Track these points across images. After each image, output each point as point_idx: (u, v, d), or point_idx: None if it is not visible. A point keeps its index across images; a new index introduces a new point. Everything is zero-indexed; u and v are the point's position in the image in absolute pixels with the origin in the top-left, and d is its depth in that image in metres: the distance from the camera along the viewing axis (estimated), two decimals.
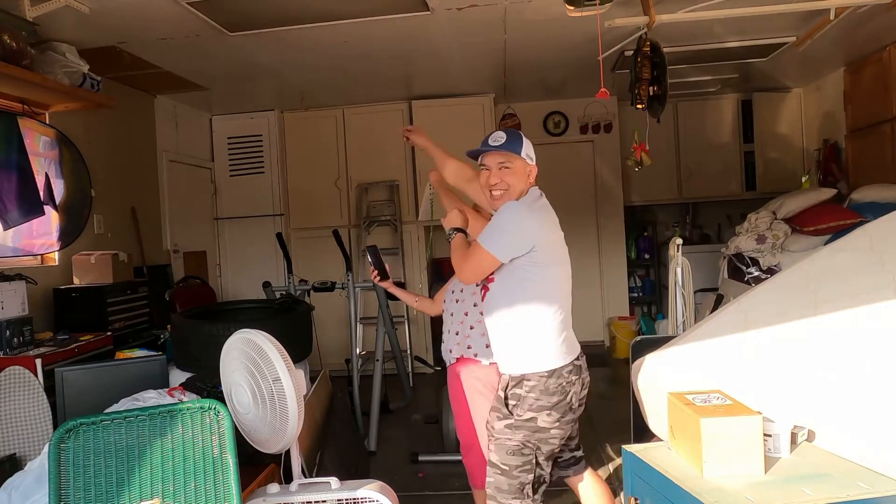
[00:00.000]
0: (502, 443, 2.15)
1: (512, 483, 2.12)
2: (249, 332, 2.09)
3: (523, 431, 2.11)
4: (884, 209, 3.06)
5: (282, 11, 3.56)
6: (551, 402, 2.09)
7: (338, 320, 5.74)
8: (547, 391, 2.09)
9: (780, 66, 5.28)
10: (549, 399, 2.09)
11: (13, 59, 3.14)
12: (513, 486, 2.12)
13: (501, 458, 2.15)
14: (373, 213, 6.12)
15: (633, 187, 6.61)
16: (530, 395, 2.10)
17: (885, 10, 3.78)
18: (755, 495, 1.52)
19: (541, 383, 2.09)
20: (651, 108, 3.92)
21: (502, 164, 2.18)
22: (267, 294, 4.64)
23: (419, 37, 4.16)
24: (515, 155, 2.18)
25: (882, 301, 1.89)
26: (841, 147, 5.46)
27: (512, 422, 2.13)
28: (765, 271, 4.36)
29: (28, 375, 2.72)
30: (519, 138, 2.21)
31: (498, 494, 2.15)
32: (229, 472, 1.82)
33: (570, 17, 3.49)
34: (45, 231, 3.87)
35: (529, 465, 2.12)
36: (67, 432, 1.75)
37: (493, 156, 2.20)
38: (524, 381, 2.12)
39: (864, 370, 1.81)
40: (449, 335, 2.78)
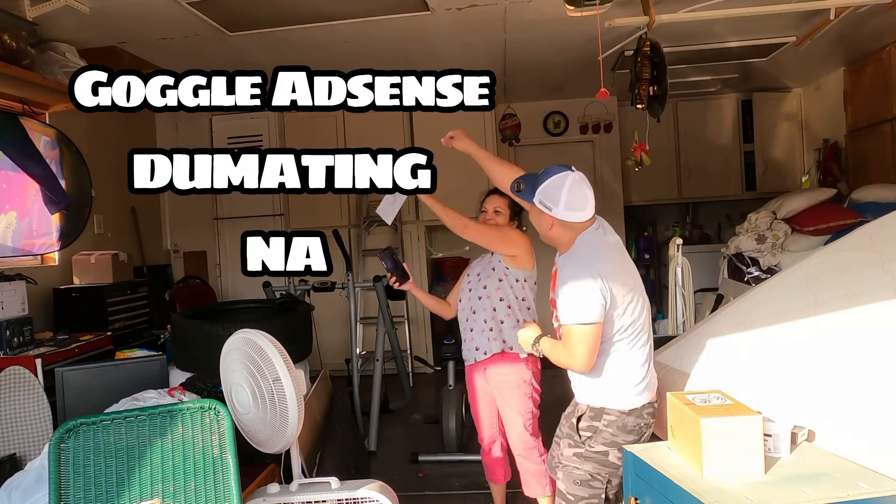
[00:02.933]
0: (570, 471, 2.07)
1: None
2: (249, 332, 2.09)
3: (592, 463, 2.04)
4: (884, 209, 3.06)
5: (282, 11, 3.56)
6: (627, 440, 2.00)
7: (338, 320, 5.74)
8: (624, 429, 2.00)
9: (780, 66, 5.28)
10: (626, 437, 2.01)
11: (13, 59, 3.14)
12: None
13: (568, 487, 2.07)
14: (373, 213, 6.11)
15: (633, 187, 6.61)
16: (607, 429, 2.01)
17: (885, 10, 3.78)
18: (755, 495, 1.52)
19: (620, 420, 2.01)
20: (651, 108, 3.92)
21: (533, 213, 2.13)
22: (267, 294, 4.64)
23: (419, 37, 4.16)
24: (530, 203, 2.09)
25: (882, 301, 1.89)
26: (841, 147, 5.46)
27: (583, 451, 2.05)
28: (765, 271, 4.36)
29: (28, 375, 2.72)
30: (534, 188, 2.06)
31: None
32: (229, 472, 1.82)
33: (570, 17, 3.49)
34: (46, 231, 3.87)
35: (598, 500, 2.04)
36: (67, 432, 1.75)
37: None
38: (604, 414, 2.02)
39: (864, 370, 1.81)
40: (475, 332, 2.77)
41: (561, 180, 2.00)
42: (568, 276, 1.96)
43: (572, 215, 2.01)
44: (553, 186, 2.00)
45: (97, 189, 4.14)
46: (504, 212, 2.81)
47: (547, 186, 2.01)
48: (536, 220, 2.08)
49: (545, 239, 2.11)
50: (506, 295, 2.73)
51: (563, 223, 2.03)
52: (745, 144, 6.49)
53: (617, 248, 2.11)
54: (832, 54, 5.02)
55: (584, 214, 2.03)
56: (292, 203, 6.25)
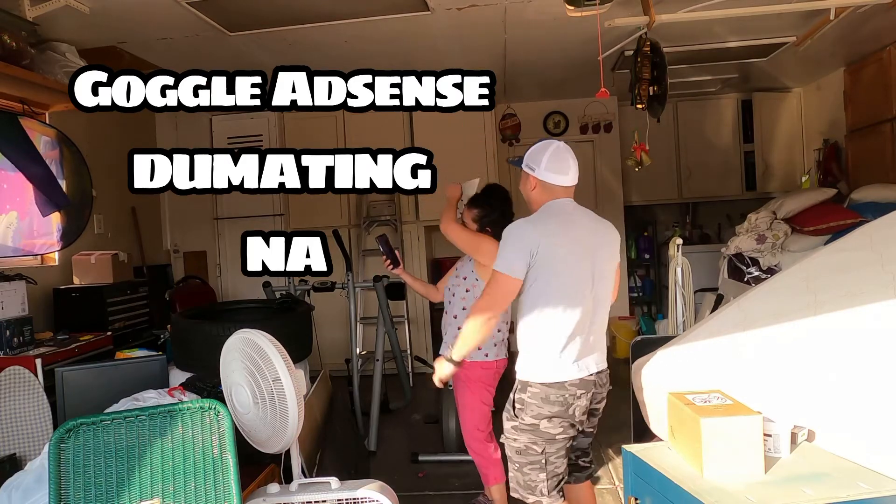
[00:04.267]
0: (510, 443, 2.21)
1: (528, 480, 2.18)
2: (249, 332, 2.09)
3: (527, 434, 2.16)
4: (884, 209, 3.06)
5: (282, 11, 3.57)
6: (552, 411, 2.11)
7: (338, 320, 5.74)
8: (548, 400, 2.11)
9: (780, 66, 5.28)
10: (551, 408, 2.11)
11: (13, 59, 3.15)
12: (528, 484, 2.18)
13: (511, 455, 2.22)
14: (373, 213, 6.11)
15: (633, 187, 6.61)
16: (532, 401, 2.13)
17: (885, 10, 3.78)
18: (755, 495, 1.52)
19: (542, 391, 2.12)
20: (651, 108, 3.92)
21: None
22: (267, 294, 4.64)
23: (419, 37, 4.16)
24: (520, 167, 2.30)
25: (882, 301, 1.89)
26: (841, 147, 5.46)
27: (517, 424, 2.17)
28: (765, 271, 4.36)
29: (28, 375, 2.72)
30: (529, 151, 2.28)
31: (518, 488, 2.23)
32: (229, 472, 1.82)
33: (570, 17, 3.49)
34: (46, 231, 3.87)
35: (539, 465, 2.16)
36: (67, 432, 1.75)
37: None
38: (528, 387, 2.15)
39: (864, 370, 1.81)
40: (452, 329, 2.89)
41: (545, 146, 2.24)
42: (511, 228, 2.16)
43: (552, 177, 2.21)
44: (538, 150, 2.24)
45: (97, 189, 4.14)
46: (471, 226, 2.92)
47: (533, 150, 2.25)
48: (523, 185, 2.27)
49: (528, 202, 2.28)
50: (468, 305, 2.84)
51: (544, 185, 2.22)
52: (745, 144, 6.49)
53: (577, 223, 2.24)
54: (832, 54, 5.02)
55: (563, 179, 2.23)
56: (292, 203, 6.25)
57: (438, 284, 3.14)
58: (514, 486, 2.24)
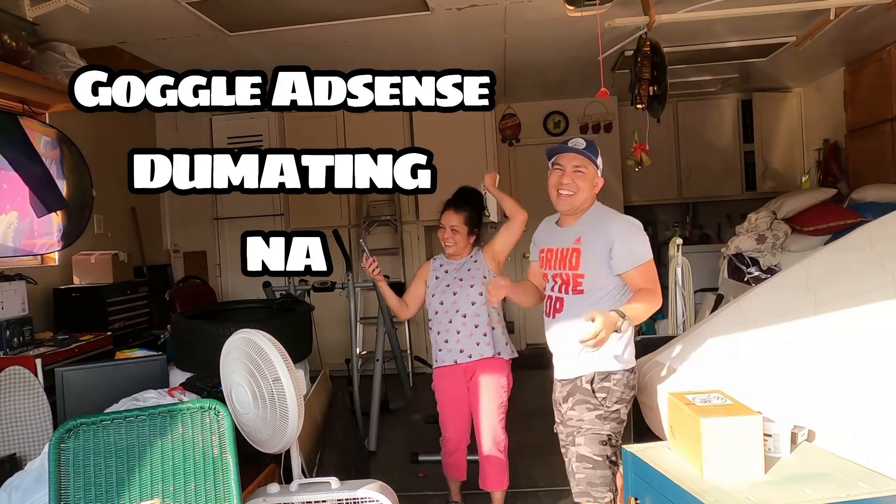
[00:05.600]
0: (595, 433, 2.19)
1: (605, 475, 2.17)
2: (249, 332, 2.09)
3: (611, 422, 2.19)
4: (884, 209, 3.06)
5: (282, 11, 3.57)
6: (630, 395, 2.24)
7: (338, 320, 5.74)
8: (629, 385, 2.22)
9: (780, 66, 5.28)
10: (630, 393, 2.24)
11: (13, 59, 3.14)
12: (606, 479, 2.17)
13: (594, 449, 2.19)
14: (373, 213, 6.11)
15: (633, 187, 6.61)
16: (616, 388, 2.20)
17: (885, 10, 3.78)
18: (755, 495, 1.52)
19: (625, 377, 2.21)
20: (651, 108, 3.92)
21: (577, 168, 2.28)
22: (267, 294, 4.64)
23: (419, 37, 4.16)
24: (591, 162, 2.29)
25: (882, 301, 1.89)
26: (841, 147, 5.46)
27: (602, 412, 2.19)
28: (765, 271, 4.36)
29: (28, 375, 2.72)
30: (596, 149, 2.33)
31: (592, 490, 2.17)
32: (229, 472, 1.82)
33: (570, 17, 3.49)
34: (46, 231, 3.87)
35: (615, 457, 2.19)
36: (67, 432, 1.75)
37: (570, 157, 2.29)
38: (612, 375, 2.20)
39: (864, 370, 1.81)
40: (462, 335, 2.88)
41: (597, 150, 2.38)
42: (619, 224, 2.28)
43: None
44: (597, 150, 2.36)
45: (97, 189, 4.14)
46: (461, 230, 2.94)
47: (595, 148, 2.35)
48: (589, 179, 2.30)
49: (580, 201, 2.30)
50: (479, 301, 2.88)
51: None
52: (745, 144, 6.49)
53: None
54: (832, 54, 5.02)
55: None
56: (292, 203, 6.25)
57: (406, 298, 3.10)
58: (586, 487, 2.18)
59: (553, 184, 2.30)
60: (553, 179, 2.30)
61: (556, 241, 2.35)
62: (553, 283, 2.32)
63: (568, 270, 2.26)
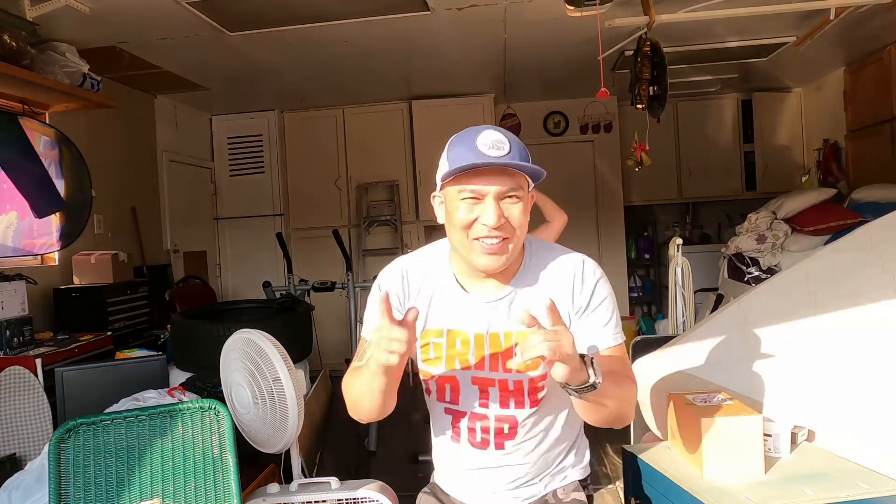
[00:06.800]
0: None
1: None
2: (249, 332, 2.09)
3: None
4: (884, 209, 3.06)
5: (282, 11, 3.56)
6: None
7: (338, 320, 5.74)
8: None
9: (780, 66, 5.28)
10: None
11: (13, 59, 3.14)
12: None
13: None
14: (373, 213, 6.12)
15: (633, 187, 6.61)
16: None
17: (885, 10, 3.78)
18: (755, 495, 1.52)
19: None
20: (651, 108, 3.92)
21: (508, 193, 1.32)
22: (267, 294, 4.64)
23: (419, 37, 4.16)
24: (525, 177, 1.34)
25: (882, 301, 1.89)
26: (841, 147, 5.46)
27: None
28: (765, 271, 4.36)
29: (28, 375, 2.72)
30: (525, 149, 1.36)
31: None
32: (229, 472, 1.82)
33: (570, 17, 3.49)
34: (46, 231, 3.86)
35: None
36: (67, 432, 1.75)
37: (494, 177, 1.30)
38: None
39: (865, 370, 1.81)
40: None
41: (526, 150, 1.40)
42: (575, 273, 1.42)
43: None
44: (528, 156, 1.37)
45: (97, 189, 4.14)
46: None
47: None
48: (525, 207, 1.36)
49: (517, 250, 1.39)
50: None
51: None
52: (745, 144, 6.49)
53: None
54: (832, 54, 5.02)
55: None
56: (292, 203, 6.26)
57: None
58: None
59: (462, 223, 1.32)
60: (462, 215, 1.32)
61: (472, 320, 1.42)
62: (474, 396, 1.44)
63: (519, 372, 1.38)
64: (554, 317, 1.17)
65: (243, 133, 6.15)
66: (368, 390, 1.35)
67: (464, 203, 1.33)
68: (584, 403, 1.28)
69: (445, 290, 1.47)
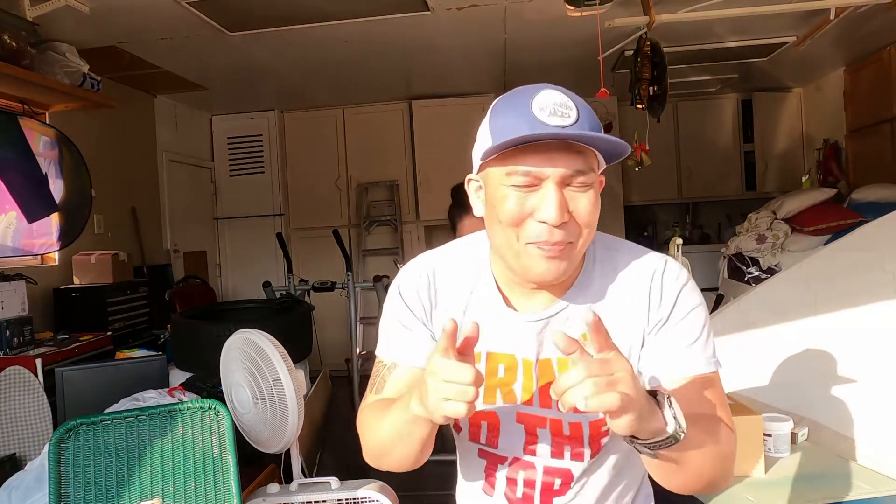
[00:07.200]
0: None
1: None
2: (249, 331, 2.09)
3: None
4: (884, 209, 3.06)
5: (282, 11, 3.56)
6: None
7: (338, 320, 5.74)
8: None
9: (780, 66, 5.28)
10: None
11: (13, 59, 3.14)
12: None
13: None
14: (373, 213, 6.12)
15: (633, 187, 6.61)
16: None
17: (885, 10, 3.78)
18: (755, 495, 1.52)
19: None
20: (651, 108, 3.92)
21: (576, 178, 0.97)
22: (267, 294, 4.65)
23: (419, 37, 4.16)
24: (595, 156, 1.00)
25: (882, 301, 1.89)
26: (841, 147, 5.46)
27: None
28: (765, 271, 4.36)
29: (28, 375, 2.71)
30: (593, 112, 0.99)
31: None
32: (229, 472, 1.82)
33: (570, 17, 3.49)
34: (45, 231, 3.86)
35: None
36: (67, 432, 1.75)
37: (557, 154, 0.94)
38: None
39: (865, 370, 1.81)
40: None
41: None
42: (651, 279, 1.06)
43: None
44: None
45: (97, 189, 4.14)
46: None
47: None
48: (596, 197, 1.03)
49: (580, 254, 1.03)
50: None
51: None
52: (745, 144, 6.49)
53: None
54: (832, 54, 5.02)
55: None
56: (292, 203, 6.26)
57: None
58: None
59: (510, 218, 0.96)
60: (510, 208, 0.96)
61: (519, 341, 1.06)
62: (518, 438, 1.09)
63: (577, 412, 0.81)
64: (600, 338, 0.81)
65: (243, 133, 6.15)
66: (404, 437, 0.99)
67: (513, 191, 0.96)
68: (660, 463, 0.90)
69: (485, 300, 1.08)
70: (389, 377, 1.11)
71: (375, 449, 1.08)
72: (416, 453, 1.03)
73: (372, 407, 1.10)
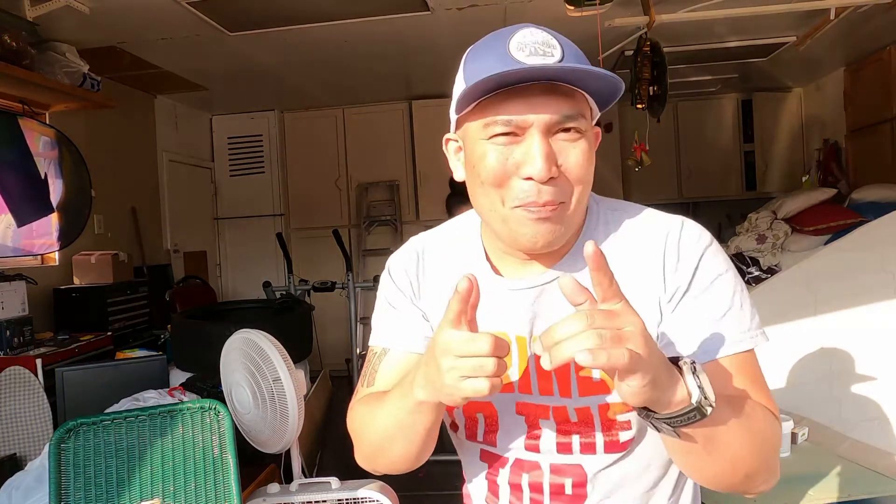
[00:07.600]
0: None
1: None
2: (250, 332, 2.09)
3: None
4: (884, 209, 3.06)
5: (282, 11, 3.56)
6: None
7: (338, 320, 5.74)
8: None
9: (780, 66, 5.28)
10: None
11: (13, 59, 3.14)
12: None
13: None
14: (373, 213, 6.12)
15: (633, 187, 6.61)
16: None
17: (885, 10, 3.78)
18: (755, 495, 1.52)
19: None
20: (651, 108, 3.92)
21: (564, 125, 0.84)
22: (267, 294, 4.64)
23: (419, 37, 4.16)
24: (587, 103, 0.89)
25: (882, 301, 1.89)
26: (841, 147, 5.46)
27: None
28: (765, 271, 4.36)
29: (28, 375, 2.72)
30: (580, 52, 0.91)
31: None
32: (229, 472, 1.82)
33: (570, 17, 3.49)
34: (45, 231, 3.86)
35: None
36: (67, 432, 1.75)
37: (540, 98, 0.82)
38: None
39: (865, 370, 1.81)
40: None
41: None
42: (724, 255, 0.94)
43: None
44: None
45: (97, 189, 4.14)
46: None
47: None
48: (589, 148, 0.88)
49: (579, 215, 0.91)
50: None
51: None
52: (745, 144, 6.49)
53: None
54: (832, 54, 5.02)
55: None
56: (292, 203, 6.26)
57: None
58: None
59: (491, 176, 0.85)
60: (490, 164, 0.85)
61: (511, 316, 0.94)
62: (519, 432, 0.95)
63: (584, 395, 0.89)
64: (603, 279, 0.68)
65: (243, 133, 6.16)
66: (405, 429, 0.87)
67: (493, 145, 0.84)
68: (684, 446, 0.76)
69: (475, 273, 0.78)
70: (380, 366, 1.00)
71: (370, 446, 0.96)
72: (418, 448, 0.91)
73: (363, 402, 0.98)
